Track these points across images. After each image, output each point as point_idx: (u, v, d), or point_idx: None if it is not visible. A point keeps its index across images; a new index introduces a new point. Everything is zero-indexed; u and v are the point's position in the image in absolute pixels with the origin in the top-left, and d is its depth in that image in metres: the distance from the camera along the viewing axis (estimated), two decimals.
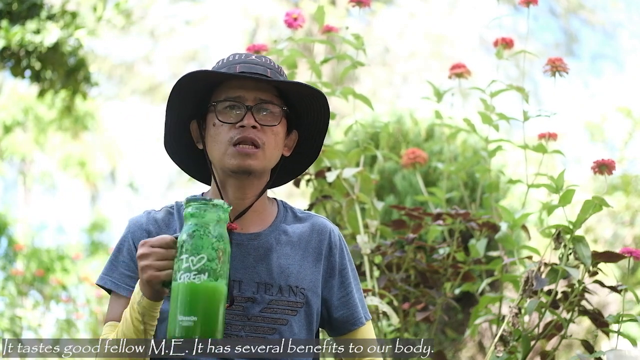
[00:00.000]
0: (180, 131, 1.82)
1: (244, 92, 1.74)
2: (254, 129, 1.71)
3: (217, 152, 1.74)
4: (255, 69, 1.75)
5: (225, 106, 1.73)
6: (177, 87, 1.74)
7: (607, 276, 2.53)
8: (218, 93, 1.76)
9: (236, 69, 1.75)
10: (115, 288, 1.77)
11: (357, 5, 2.89)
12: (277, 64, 1.81)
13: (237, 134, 1.71)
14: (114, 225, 11.23)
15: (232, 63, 1.77)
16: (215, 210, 1.47)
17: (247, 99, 1.73)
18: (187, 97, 1.77)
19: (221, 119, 1.73)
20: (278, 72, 1.79)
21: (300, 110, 1.81)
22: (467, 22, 12.84)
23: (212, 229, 1.45)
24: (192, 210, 1.47)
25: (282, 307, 1.75)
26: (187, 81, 1.73)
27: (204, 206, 1.46)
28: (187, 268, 1.43)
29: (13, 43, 5.76)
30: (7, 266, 7.66)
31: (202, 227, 1.45)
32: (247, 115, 1.72)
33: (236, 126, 1.71)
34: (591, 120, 9.46)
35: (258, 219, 1.80)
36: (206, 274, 1.43)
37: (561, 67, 2.76)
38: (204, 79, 1.75)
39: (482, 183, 3.18)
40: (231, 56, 1.80)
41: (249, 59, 1.77)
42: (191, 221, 1.47)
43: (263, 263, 1.77)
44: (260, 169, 1.74)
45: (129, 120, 15.21)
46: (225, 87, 1.75)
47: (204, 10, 13.18)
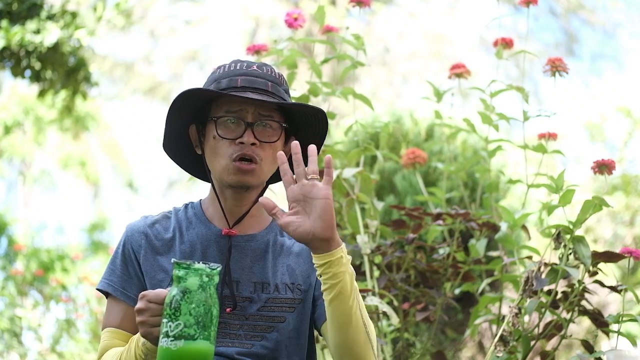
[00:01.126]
0: (179, 134, 1.83)
1: (244, 107, 1.74)
2: (253, 146, 1.73)
3: (217, 166, 1.75)
4: (257, 82, 1.75)
5: (226, 120, 1.74)
6: (176, 102, 1.75)
7: (607, 276, 2.53)
8: (218, 105, 1.76)
9: (237, 82, 1.75)
10: (112, 292, 1.79)
11: (357, 5, 2.89)
12: (278, 72, 1.82)
13: (236, 150, 1.73)
14: (114, 225, 11.24)
15: (234, 74, 1.77)
16: (198, 275, 1.45)
17: (247, 115, 1.74)
18: (186, 107, 1.78)
19: (221, 133, 1.74)
20: (279, 83, 1.79)
21: (299, 122, 1.82)
22: (467, 22, 12.84)
23: (193, 295, 1.44)
24: (176, 274, 1.46)
25: (279, 305, 1.77)
26: (186, 97, 1.74)
27: (185, 270, 1.45)
28: (166, 333, 1.44)
29: (13, 43, 5.76)
30: (7, 266, 7.65)
31: (183, 293, 1.44)
32: (247, 132, 1.73)
33: (236, 142, 1.73)
34: (591, 120, 9.45)
35: (255, 221, 1.83)
36: (182, 341, 1.42)
37: (561, 67, 2.76)
38: (204, 96, 1.76)
39: (482, 183, 3.18)
40: (232, 64, 1.80)
41: (251, 70, 1.77)
42: (174, 285, 1.47)
43: (259, 263, 1.79)
44: (257, 183, 1.77)
45: (129, 120, 15.22)
46: (226, 100, 1.76)
47: (204, 10, 13.18)
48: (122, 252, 1.81)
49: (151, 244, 1.80)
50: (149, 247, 1.79)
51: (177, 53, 13.52)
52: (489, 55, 12.51)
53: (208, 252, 1.78)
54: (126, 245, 1.81)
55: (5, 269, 7.61)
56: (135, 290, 1.79)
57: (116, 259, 1.82)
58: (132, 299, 1.79)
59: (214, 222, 1.81)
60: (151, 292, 1.55)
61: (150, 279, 1.78)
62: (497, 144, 3.09)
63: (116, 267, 1.81)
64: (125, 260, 1.81)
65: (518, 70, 3.16)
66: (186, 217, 1.84)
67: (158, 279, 1.77)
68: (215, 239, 1.79)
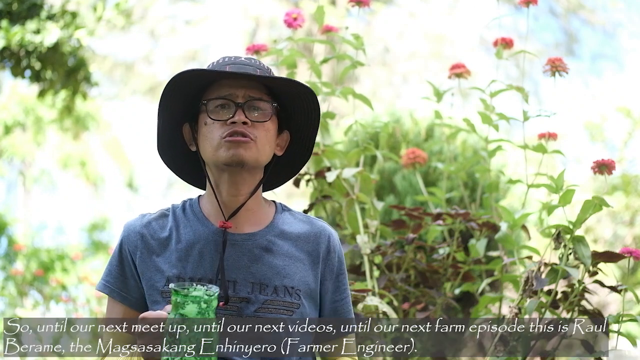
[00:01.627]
0: (172, 136, 1.83)
1: (234, 90, 1.75)
2: (245, 125, 1.72)
3: (210, 149, 1.74)
4: (244, 69, 1.77)
5: (216, 105, 1.75)
6: (168, 88, 1.75)
7: (607, 276, 2.53)
8: (209, 93, 1.77)
9: (226, 69, 1.76)
10: (109, 292, 1.80)
11: (356, 5, 2.89)
12: (267, 66, 1.83)
13: (228, 129, 1.72)
14: (114, 225, 11.23)
15: (222, 65, 1.78)
16: (196, 303, 1.47)
17: (238, 97, 1.74)
18: (178, 98, 1.78)
19: (212, 117, 1.74)
20: (267, 73, 1.80)
21: (291, 110, 1.82)
22: (467, 22, 12.84)
23: (192, 322, 1.46)
24: (174, 300, 1.47)
25: (277, 307, 1.75)
26: (177, 82, 1.74)
27: (183, 298, 1.46)
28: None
29: (13, 43, 5.76)
30: (7, 266, 7.66)
31: (182, 320, 1.46)
32: (237, 112, 1.73)
33: (227, 123, 1.73)
34: (591, 120, 9.46)
35: (253, 218, 1.81)
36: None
37: (561, 67, 2.76)
38: (193, 79, 1.76)
39: (482, 183, 3.18)
40: (221, 59, 1.82)
41: (239, 60, 1.79)
42: (173, 310, 1.48)
43: (258, 263, 1.77)
44: (252, 160, 1.74)
45: (129, 120, 15.22)
46: (216, 86, 1.76)
47: (204, 10, 13.18)
48: (119, 252, 1.82)
49: (147, 244, 1.79)
50: (145, 247, 1.79)
51: (177, 53, 13.52)
52: (489, 55, 12.52)
53: (205, 251, 1.77)
54: (123, 246, 1.81)
55: (5, 269, 7.61)
56: (132, 291, 1.79)
57: (113, 259, 1.82)
58: (128, 299, 1.80)
59: (211, 219, 1.80)
60: (151, 314, 1.55)
61: (147, 279, 1.77)
62: (497, 144, 3.09)
63: (113, 268, 1.82)
64: (122, 261, 1.81)
65: (518, 70, 3.16)
66: (184, 215, 1.83)
67: (154, 280, 1.77)
68: (213, 237, 1.78)
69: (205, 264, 1.75)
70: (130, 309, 1.79)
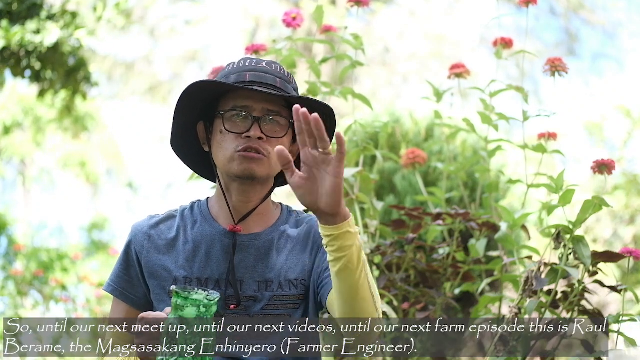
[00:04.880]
0: (187, 131, 1.83)
1: (252, 102, 1.74)
2: (260, 140, 1.72)
3: (223, 159, 1.75)
4: (265, 78, 1.74)
5: (233, 115, 1.74)
6: (185, 95, 1.74)
7: (607, 276, 2.53)
8: (226, 100, 1.76)
9: (246, 77, 1.75)
10: (112, 292, 1.81)
11: (356, 5, 2.88)
12: (288, 72, 1.81)
13: (242, 143, 1.72)
14: (114, 225, 11.24)
15: (243, 70, 1.76)
16: (196, 306, 1.47)
17: (255, 110, 1.73)
18: (194, 102, 1.77)
19: (228, 127, 1.73)
20: (288, 80, 1.79)
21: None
22: (467, 22, 12.84)
23: (190, 325, 1.46)
24: (174, 302, 1.48)
25: (283, 302, 1.76)
26: (194, 90, 1.74)
27: (184, 300, 1.46)
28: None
29: (13, 43, 5.76)
30: (7, 266, 7.66)
31: (180, 322, 1.46)
32: (253, 126, 1.72)
33: (242, 136, 1.72)
34: (591, 120, 9.46)
35: (261, 220, 1.82)
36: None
37: (561, 67, 2.75)
38: (212, 89, 1.76)
39: (482, 183, 3.18)
40: (242, 61, 1.80)
41: (260, 66, 1.77)
42: (172, 312, 1.48)
43: (263, 262, 1.78)
44: (264, 175, 1.75)
45: (129, 120, 15.22)
46: (234, 95, 1.75)
47: (204, 10, 13.17)
48: (126, 253, 1.83)
49: (154, 244, 1.80)
50: (152, 247, 1.80)
51: (177, 53, 13.52)
52: (489, 55, 12.51)
53: (212, 251, 1.78)
54: (130, 246, 1.82)
55: (5, 269, 7.61)
56: (135, 292, 1.81)
57: (120, 260, 1.84)
58: (131, 299, 1.81)
59: (219, 220, 1.81)
60: (150, 314, 1.56)
61: (154, 279, 1.78)
62: (497, 144, 3.08)
63: (118, 269, 1.84)
64: (127, 262, 1.82)
65: (518, 70, 3.16)
66: (192, 216, 1.83)
67: (161, 279, 1.77)
68: (220, 238, 1.79)
69: (212, 265, 1.76)
70: (132, 309, 1.80)
